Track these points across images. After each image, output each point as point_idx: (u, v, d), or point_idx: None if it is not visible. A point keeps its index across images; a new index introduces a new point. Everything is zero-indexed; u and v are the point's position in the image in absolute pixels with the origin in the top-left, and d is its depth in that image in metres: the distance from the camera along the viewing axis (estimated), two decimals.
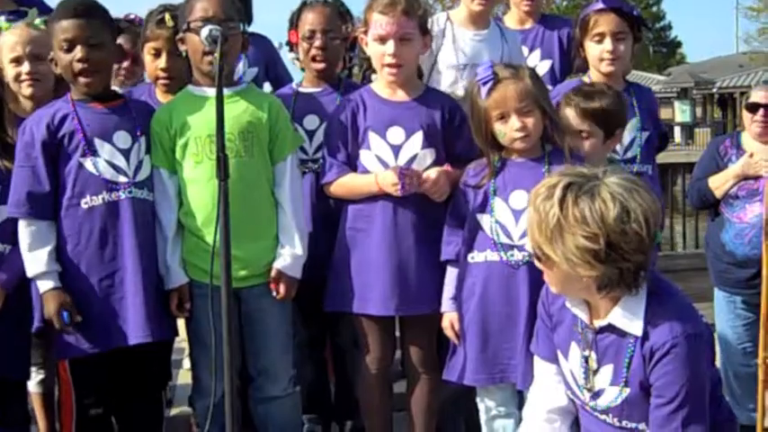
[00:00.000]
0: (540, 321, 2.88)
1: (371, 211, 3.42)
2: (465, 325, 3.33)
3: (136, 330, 3.21)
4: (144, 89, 3.84)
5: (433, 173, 3.36)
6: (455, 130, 3.48)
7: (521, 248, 3.24)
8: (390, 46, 3.39)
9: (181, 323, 3.46)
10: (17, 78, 3.59)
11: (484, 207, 3.33)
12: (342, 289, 3.45)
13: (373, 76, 3.67)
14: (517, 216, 3.28)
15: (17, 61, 3.59)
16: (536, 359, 2.92)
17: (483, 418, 3.41)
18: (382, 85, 3.50)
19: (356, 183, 3.43)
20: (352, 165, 3.46)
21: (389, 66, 3.42)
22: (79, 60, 3.21)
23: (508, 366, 3.27)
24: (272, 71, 4.30)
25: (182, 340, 3.57)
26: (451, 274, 3.39)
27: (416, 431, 3.55)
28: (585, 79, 3.79)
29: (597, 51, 3.73)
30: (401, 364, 3.64)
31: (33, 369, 3.63)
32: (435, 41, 3.69)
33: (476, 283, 3.31)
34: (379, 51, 3.42)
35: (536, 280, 3.00)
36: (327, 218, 3.60)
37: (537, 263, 2.68)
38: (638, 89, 3.92)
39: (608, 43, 3.71)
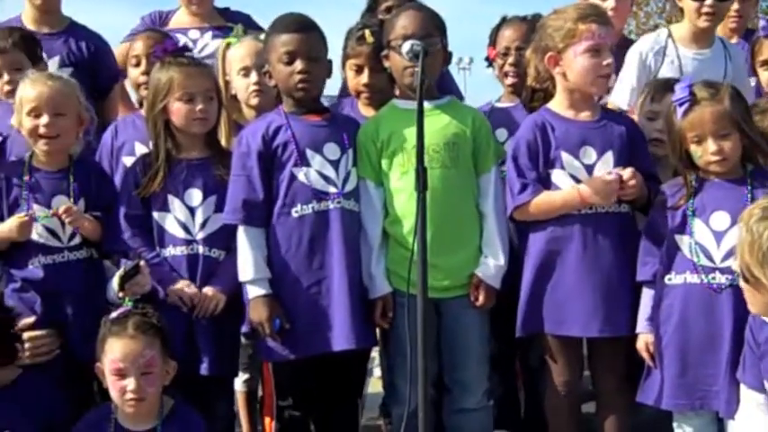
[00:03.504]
0: (748, 348, 2.80)
1: (568, 231, 3.40)
2: (662, 347, 3.27)
3: (341, 337, 3.30)
4: (347, 102, 3.97)
5: (628, 169, 3.33)
6: (638, 149, 3.46)
7: (723, 271, 3.15)
8: (608, 56, 3.38)
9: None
10: (246, 89, 3.77)
11: (682, 228, 3.27)
12: (537, 311, 3.43)
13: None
14: (719, 238, 3.20)
15: (245, 72, 3.79)
16: (742, 388, 2.81)
17: None
18: (561, 104, 3.48)
19: (556, 199, 3.41)
20: (542, 185, 3.44)
21: (607, 77, 3.41)
22: (299, 72, 3.35)
23: (709, 393, 3.18)
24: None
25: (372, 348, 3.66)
26: (647, 294, 3.33)
27: None
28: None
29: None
30: (591, 384, 3.59)
31: (239, 369, 3.78)
32: (654, 59, 3.63)
33: (674, 305, 3.25)
34: (593, 63, 3.38)
35: (740, 304, 2.91)
36: None
37: (743, 284, 2.59)
38: None
39: None
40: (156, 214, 3.44)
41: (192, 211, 3.43)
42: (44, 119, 3.37)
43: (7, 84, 3.72)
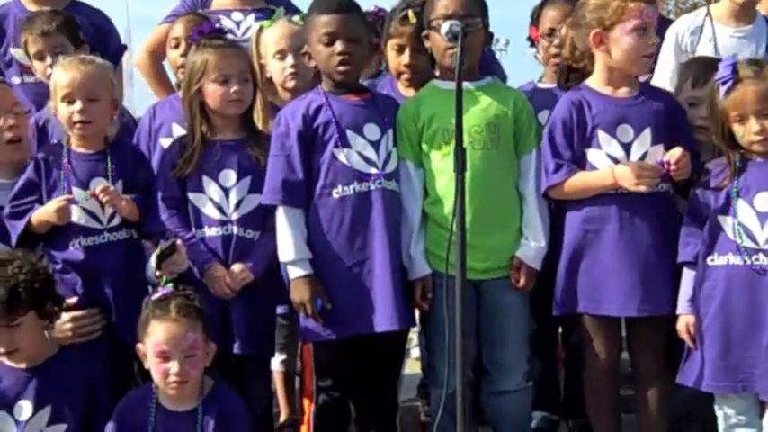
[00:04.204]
0: None
1: (606, 211, 3.37)
2: (703, 329, 3.24)
3: (384, 318, 3.30)
4: (386, 82, 3.94)
5: (676, 150, 3.29)
6: (678, 126, 3.41)
7: (767, 253, 3.12)
8: (654, 36, 3.35)
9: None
10: (281, 72, 3.76)
11: (726, 209, 3.24)
12: (574, 291, 3.42)
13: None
14: (763, 219, 3.17)
15: (281, 55, 3.78)
16: None
17: (721, 426, 3.31)
18: (599, 80, 3.44)
19: (590, 180, 3.38)
20: (577, 165, 3.41)
21: (650, 56, 3.37)
22: (339, 54, 3.34)
23: (752, 375, 3.17)
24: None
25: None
26: (689, 275, 3.31)
27: None
28: None
29: None
30: (630, 366, 3.57)
31: (276, 350, 3.79)
32: (690, 39, 3.58)
33: (716, 286, 3.22)
34: (639, 42, 3.34)
35: None
36: None
37: None
38: None
39: None
40: (191, 195, 3.45)
41: (226, 192, 3.43)
42: (77, 105, 3.38)
43: (50, 67, 3.73)
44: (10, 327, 3.10)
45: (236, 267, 3.39)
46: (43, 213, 3.36)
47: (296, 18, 3.82)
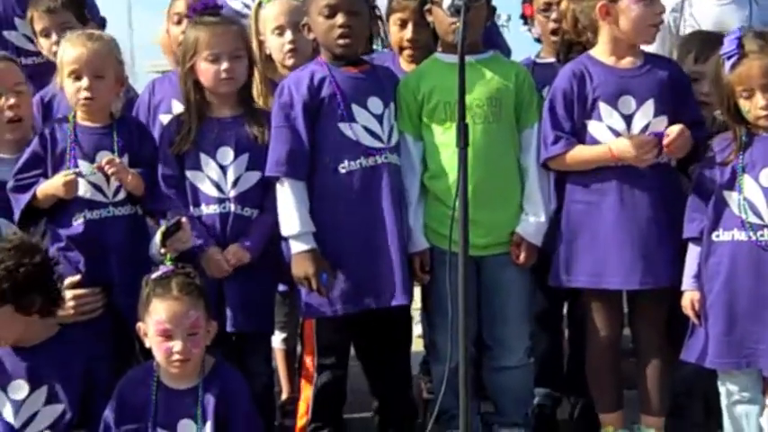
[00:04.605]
0: None
1: (605, 183, 3.35)
2: (708, 305, 3.22)
3: (395, 292, 3.30)
4: (387, 56, 3.91)
5: (675, 127, 3.26)
6: (682, 95, 3.38)
7: None
8: (660, 5, 3.32)
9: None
10: (280, 49, 3.72)
11: (731, 184, 3.21)
12: (572, 264, 3.40)
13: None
14: None
15: (280, 30, 3.74)
16: None
17: (724, 402, 3.29)
18: (603, 51, 3.40)
19: (587, 155, 3.36)
20: (577, 136, 3.39)
21: (656, 26, 3.35)
22: (341, 26, 3.31)
23: (756, 351, 3.15)
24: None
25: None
26: (694, 251, 3.28)
27: (649, 411, 3.46)
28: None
29: None
30: (631, 342, 3.56)
31: (277, 328, 3.78)
32: (673, 15, 3.55)
33: (721, 262, 3.20)
34: (647, 11, 3.31)
35: None
36: None
37: None
38: None
39: None
40: (189, 173, 3.42)
41: (224, 169, 3.41)
42: (84, 81, 3.37)
43: (56, 44, 3.71)
44: None
45: (232, 249, 3.36)
46: (50, 187, 3.34)
47: None
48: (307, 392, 3.48)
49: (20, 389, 3.16)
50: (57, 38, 3.75)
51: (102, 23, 4.34)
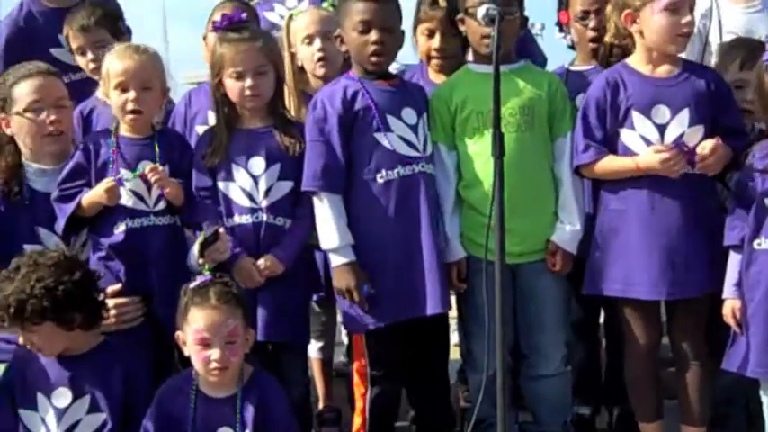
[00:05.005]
0: None
1: (637, 191, 3.33)
2: (749, 314, 3.19)
3: (433, 301, 3.31)
4: (415, 69, 3.92)
5: (708, 143, 3.23)
6: (722, 104, 3.33)
7: None
8: (687, 14, 3.29)
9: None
10: (311, 58, 3.74)
11: None
12: (604, 271, 3.38)
13: None
14: None
15: (309, 40, 3.77)
16: None
17: (766, 412, 3.25)
18: (639, 60, 3.38)
19: (615, 166, 3.35)
20: (609, 145, 3.38)
21: (686, 35, 3.32)
22: (374, 43, 3.33)
23: None
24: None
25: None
26: (735, 259, 3.25)
27: (690, 420, 3.43)
28: None
29: None
30: (671, 351, 3.53)
31: (313, 337, 3.82)
32: (703, 22, 3.52)
33: (762, 271, 3.17)
34: (671, 21, 3.28)
35: None
36: None
37: None
38: None
39: None
40: (221, 184, 3.44)
41: (255, 179, 3.42)
42: (131, 94, 3.41)
43: (92, 62, 3.77)
44: (26, 330, 3.15)
45: (265, 260, 3.38)
46: (93, 195, 3.40)
47: (325, 4, 3.83)
48: (360, 405, 3.48)
49: (63, 396, 3.20)
50: (92, 56, 3.80)
51: (128, 32, 4.39)
